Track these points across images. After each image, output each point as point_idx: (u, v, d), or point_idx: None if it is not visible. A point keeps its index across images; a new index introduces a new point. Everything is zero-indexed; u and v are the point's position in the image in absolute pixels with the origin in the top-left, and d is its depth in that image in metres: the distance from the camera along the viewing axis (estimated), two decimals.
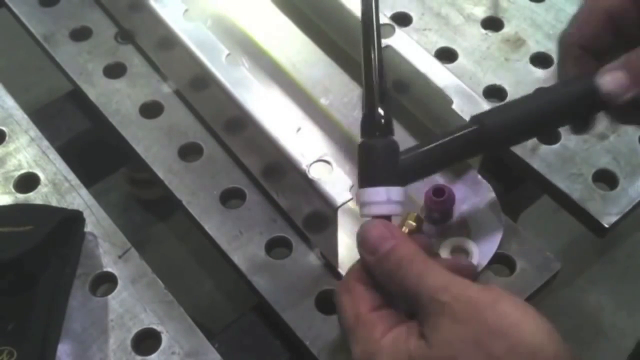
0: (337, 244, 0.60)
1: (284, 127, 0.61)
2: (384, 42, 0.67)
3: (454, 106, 0.62)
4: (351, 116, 0.72)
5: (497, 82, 0.75)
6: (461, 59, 0.77)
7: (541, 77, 0.75)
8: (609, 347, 1.42)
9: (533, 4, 0.81)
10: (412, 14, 0.81)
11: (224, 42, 0.68)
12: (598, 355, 1.42)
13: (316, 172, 0.58)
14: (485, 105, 0.62)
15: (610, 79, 0.48)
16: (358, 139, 0.65)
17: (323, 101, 0.73)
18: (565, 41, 0.53)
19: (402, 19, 0.80)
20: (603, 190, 0.68)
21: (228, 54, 0.66)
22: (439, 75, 0.64)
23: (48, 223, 0.60)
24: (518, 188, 0.74)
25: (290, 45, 0.77)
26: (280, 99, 0.73)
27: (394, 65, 0.68)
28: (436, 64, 0.65)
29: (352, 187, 0.57)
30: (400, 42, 0.67)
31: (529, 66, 0.76)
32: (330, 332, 0.59)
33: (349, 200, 0.57)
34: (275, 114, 0.62)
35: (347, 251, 0.62)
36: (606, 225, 0.66)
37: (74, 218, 0.64)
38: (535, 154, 0.70)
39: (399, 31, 0.68)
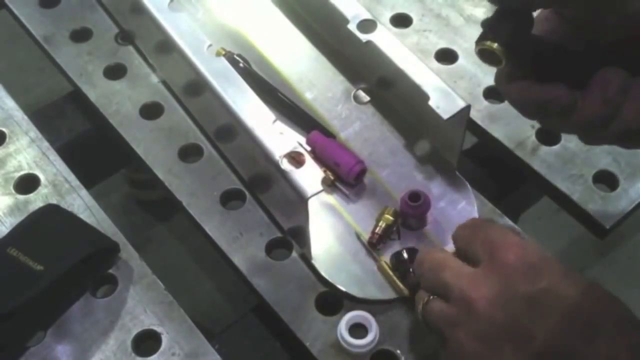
0: (309, 236, 0.61)
1: (261, 118, 0.61)
2: (366, 37, 0.67)
3: (430, 102, 0.62)
4: (334, 111, 0.72)
5: None
6: (461, 60, 0.77)
7: None
8: None
9: None
10: (412, 15, 0.81)
11: (212, 34, 0.68)
12: None
13: (289, 164, 0.59)
14: (462, 103, 0.62)
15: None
16: (340, 134, 0.69)
17: (308, 95, 0.73)
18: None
19: (403, 20, 0.81)
20: (603, 191, 0.68)
21: (210, 45, 0.66)
22: (418, 71, 0.65)
23: (66, 261, 0.59)
24: (518, 189, 0.74)
25: (279, 38, 0.78)
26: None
27: (375, 61, 0.68)
28: (415, 60, 0.65)
29: (323, 178, 0.58)
30: (380, 38, 0.67)
31: None
32: (330, 333, 0.59)
33: (320, 192, 0.57)
34: (253, 105, 0.62)
35: (320, 243, 0.62)
36: (607, 227, 0.66)
37: (108, 250, 0.63)
38: (536, 154, 0.70)
39: (380, 27, 0.68)
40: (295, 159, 0.59)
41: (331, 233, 0.64)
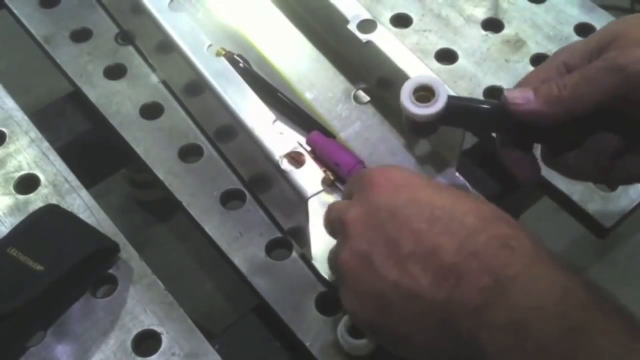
0: (309, 236, 0.61)
1: (261, 118, 0.61)
2: (365, 37, 0.67)
3: None
4: (334, 111, 0.72)
5: (497, 83, 0.75)
6: (461, 60, 0.77)
7: None
8: None
9: (533, 5, 0.81)
10: (412, 15, 0.81)
11: (212, 34, 0.68)
12: None
13: (289, 164, 0.59)
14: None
15: (515, 90, 0.53)
16: (340, 134, 0.70)
17: (308, 95, 0.73)
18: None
19: (403, 20, 0.81)
20: (603, 191, 0.68)
21: (210, 45, 0.66)
22: (418, 71, 0.65)
23: (66, 261, 0.59)
24: (518, 189, 0.74)
25: (279, 38, 0.78)
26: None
27: (374, 61, 0.68)
28: (415, 60, 0.65)
29: (323, 178, 0.58)
30: (380, 38, 0.67)
31: (530, 67, 0.76)
32: (330, 333, 0.59)
33: (320, 192, 0.57)
34: (253, 105, 0.62)
35: (321, 243, 0.62)
36: (606, 226, 0.66)
37: (108, 250, 0.63)
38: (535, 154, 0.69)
39: (380, 27, 0.68)
40: (295, 159, 0.59)
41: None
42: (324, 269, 0.62)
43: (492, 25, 0.80)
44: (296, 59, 0.76)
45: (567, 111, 0.50)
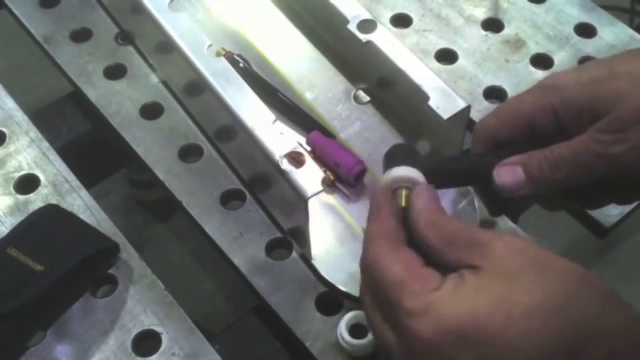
0: (309, 236, 0.61)
1: (261, 118, 0.62)
2: (365, 37, 0.67)
3: (430, 102, 0.62)
4: (334, 111, 0.72)
5: (497, 83, 0.75)
6: (461, 60, 0.77)
7: (541, 78, 0.75)
8: None
9: (533, 5, 0.81)
10: (412, 15, 0.81)
11: (212, 34, 0.68)
12: None
13: (289, 164, 0.59)
14: (462, 103, 0.62)
15: (506, 173, 0.51)
16: (340, 134, 0.70)
17: (308, 95, 0.73)
18: (480, 131, 0.54)
19: (403, 20, 0.81)
20: None
21: (210, 45, 0.66)
22: (418, 71, 0.65)
23: (66, 261, 0.59)
24: None
25: (279, 38, 0.78)
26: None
27: (375, 61, 0.68)
28: (415, 60, 0.65)
29: (323, 178, 0.58)
30: (380, 38, 0.67)
31: (530, 67, 0.76)
32: (331, 333, 0.59)
33: (320, 192, 0.57)
34: (253, 105, 0.62)
35: (320, 243, 0.62)
36: (606, 226, 0.66)
37: (108, 250, 0.63)
38: None
39: (380, 27, 0.68)
40: (295, 159, 0.59)
41: (331, 233, 0.64)
42: (323, 269, 0.62)
43: (492, 25, 0.80)
44: (296, 59, 0.76)
45: (558, 189, 0.50)
